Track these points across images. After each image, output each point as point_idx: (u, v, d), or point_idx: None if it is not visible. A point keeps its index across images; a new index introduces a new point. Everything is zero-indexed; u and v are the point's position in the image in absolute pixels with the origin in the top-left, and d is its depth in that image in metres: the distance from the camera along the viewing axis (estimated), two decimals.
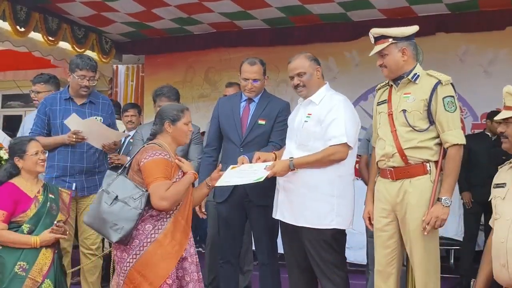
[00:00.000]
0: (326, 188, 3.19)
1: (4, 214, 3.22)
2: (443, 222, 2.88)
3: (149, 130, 4.19)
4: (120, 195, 2.95)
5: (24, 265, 3.23)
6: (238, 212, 3.62)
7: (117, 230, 2.91)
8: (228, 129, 3.69)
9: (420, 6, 5.67)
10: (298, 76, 3.29)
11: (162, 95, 4.21)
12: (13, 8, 5.30)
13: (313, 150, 3.19)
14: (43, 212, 3.33)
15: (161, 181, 2.95)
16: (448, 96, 2.96)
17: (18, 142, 3.44)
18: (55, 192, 3.47)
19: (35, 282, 3.22)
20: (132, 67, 7.98)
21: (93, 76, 3.91)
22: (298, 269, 3.41)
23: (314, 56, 3.38)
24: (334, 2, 5.60)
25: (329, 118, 3.18)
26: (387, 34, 3.04)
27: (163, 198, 2.92)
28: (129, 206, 2.92)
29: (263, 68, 3.69)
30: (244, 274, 4.52)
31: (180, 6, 5.82)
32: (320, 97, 3.29)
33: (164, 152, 3.04)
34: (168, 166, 3.01)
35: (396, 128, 3.02)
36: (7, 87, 8.41)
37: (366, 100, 6.27)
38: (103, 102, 4.09)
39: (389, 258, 3.09)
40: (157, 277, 2.91)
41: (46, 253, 3.28)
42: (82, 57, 3.98)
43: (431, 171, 2.96)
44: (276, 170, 3.13)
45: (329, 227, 3.17)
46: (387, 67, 3.07)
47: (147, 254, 2.92)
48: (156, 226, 2.97)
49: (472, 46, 6.25)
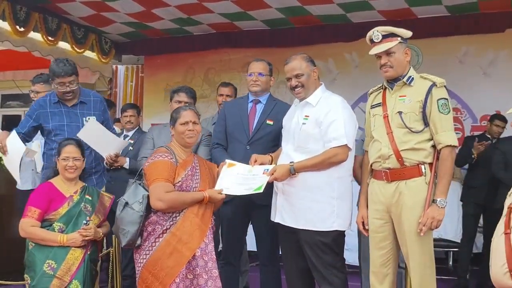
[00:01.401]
0: (327, 189, 3.19)
1: (37, 212, 3.29)
2: (439, 223, 2.89)
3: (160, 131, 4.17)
4: (130, 201, 3.04)
5: (52, 264, 3.24)
6: (242, 213, 3.62)
7: (124, 234, 3.02)
8: (235, 128, 3.70)
9: (420, 8, 5.68)
10: (296, 77, 3.29)
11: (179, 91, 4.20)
12: (13, 8, 5.30)
13: (312, 152, 3.19)
14: (75, 212, 3.34)
15: (159, 182, 3.00)
16: (442, 98, 2.98)
17: (60, 143, 3.52)
18: (94, 195, 3.48)
19: (63, 282, 3.22)
20: (132, 67, 7.98)
21: (72, 80, 3.79)
22: (296, 272, 3.40)
23: (310, 57, 3.38)
24: (334, 3, 5.60)
25: (328, 119, 3.18)
26: (396, 32, 3.05)
27: (160, 199, 2.98)
28: (133, 210, 3.00)
29: (269, 67, 3.78)
30: (242, 275, 4.51)
31: (180, 6, 5.82)
32: (317, 99, 3.29)
33: (166, 154, 3.07)
34: (168, 167, 3.03)
35: (392, 130, 3.03)
36: (6, 87, 8.40)
37: (365, 102, 6.18)
38: (95, 99, 4.01)
39: (384, 259, 3.09)
40: (166, 276, 2.95)
41: (74, 253, 3.27)
42: (58, 63, 3.80)
43: (426, 173, 2.97)
44: (276, 175, 3.13)
45: (330, 229, 3.17)
46: (392, 67, 3.05)
47: (156, 253, 2.99)
48: (165, 226, 3.02)
49: (471, 48, 6.26)
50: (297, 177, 3.17)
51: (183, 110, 3.21)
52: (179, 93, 4.10)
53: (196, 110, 3.32)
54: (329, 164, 3.17)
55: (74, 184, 3.46)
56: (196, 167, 3.17)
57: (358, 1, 5.50)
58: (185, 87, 4.21)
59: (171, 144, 3.22)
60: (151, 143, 4.15)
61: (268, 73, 3.76)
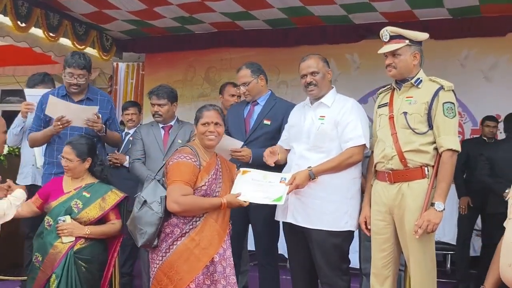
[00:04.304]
0: (342, 190, 3.23)
1: (38, 200, 3.51)
2: (435, 227, 2.89)
3: (148, 130, 4.22)
4: (149, 199, 2.97)
5: (38, 257, 3.32)
6: (241, 214, 3.62)
7: (142, 234, 2.94)
8: (234, 131, 3.76)
9: (422, 11, 5.68)
10: (311, 74, 3.32)
11: None
12: (15, 4, 5.29)
13: (328, 151, 3.23)
14: (63, 207, 3.39)
15: (178, 184, 2.92)
16: (449, 102, 2.97)
17: None
18: (98, 192, 3.49)
19: (45, 275, 3.26)
20: (133, 65, 7.95)
21: (82, 74, 3.81)
22: (301, 273, 3.42)
23: (326, 58, 3.43)
24: (336, 4, 5.60)
25: (345, 120, 3.22)
26: (405, 34, 3.05)
27: (176, 202, 2.90)
28: (152, 210, 2.93)
29: (250, 70, 3.77)
30: (241, 274, 4.51)
31: (181, 5, 5.81)
32: (331, 100, 3.33)
33: (190, 156, 2.98)
34: (191, 170, 2.95)
35: (397, 130, 3.03)
36: (6, 82, 8.38)
37: (366, 103, 6.26)
38: (102, 98, 4.03)
39: (385, 261, 3.10)
40: (181, 280, 2.89)
41: (56, 248, 3.30)
42: (73, 55, 3.87)
43: (429, 175, 2.97)
44: (298, 182, 3.12)
45: (344, 229, 3.22)
46: (396, 68, 3.07)
47: (173, 256, 2.92)
48: (184, 230, 2.95)
49: (473, 51, 6.25)
50: (316, 180, 3.18)
51: (206, 110, 3.12)
52: (152, 96, 4.15)
53: (220, 110, 3.19)
54: (347, 166, 3.21)
55: (80, 181, 3.52)
56: (219, 170, 3.09)
57: (360, 2, 5.49)
58: (157, 88, 4.19)
59: (194, 143, 3.12)
60: (140, 143, 4.16)
61: (251, 77, 3.76)
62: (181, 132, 4.16)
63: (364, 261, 4.02)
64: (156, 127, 4.24)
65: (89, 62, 3.91)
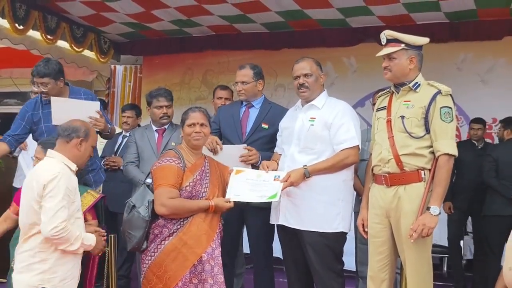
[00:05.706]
0: (334, 191, 3.24)
1: (15, 207, 3.35)
2: (430, 231, 2.90)
3: (142, 133, 4.23)
4: (137, 204, 3.01)
5: (13, 263, 3.22)
6: (236, 215, 3.62)
7: (130, 238, 3.01)
8: (229, 132, 3.76)
9: (419, 14, 5.69)
10: (304, 76, 3.34)
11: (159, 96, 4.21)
12: (13, 6, 5.28)
13: (319, 153, 3.24)
14: None
15: (164, 187, 2.97)
16: (446, 106, 2.98)
17: None
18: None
19: None
20: (130, 67, 7.96)
21: (44, 82, 3.73)
22: (296, 275, 3.43)
23: (319, 62, 3.45)
24: (334, 7, 5.60)
25: (337, 122, 3.24)
26: (400, 38, 3.06)
27: (163, 205, 2.95)
28: (140, 214, 2.98)
29: (253, 71, 3.78)
30: (237, 277, 4.50)
31: (179, 8, 5.82)
32: (322, 102, 3.35)
33: (174, 159, 3.03)
34: (174, 172, 3.00)
35: (394, 134, 3.05)
36: (4, 85, 8.37)
37: (363, 106, 6.28)
38: (85, 97, 3.96)
39: (382, 264, 3.10)
40: (170, 279, 2.94)
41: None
42: (38, 63, 3.79)
43: (425, 178, 2.98)
44: (292, 180, 3.15)
45: (336, 230, 3.23)
46: (391, 71, 3.08)
47: (161, 255, 2.97)
48: (172, 229, 2.99)
49: (469, 55, 6.28)
50: (308, 181, 3.19)
51: (191, 112, 3.17)
52: (159, 98, 4.12)
53: (206, 111, 3.25)
54: (342, 166, 3.23)
55: None
56: (206, 171, 3.12)
57: (357, 6, 5.50)
58: (162, 90, 4.22)
59: (180, 146, 3.18)
60: (134, 147, 4.17)
61: (252, 79, 3.76)
62: (175, 134, 4.17)
63: (360, 264, 4.03)
64: (150, 130, 4.27)
65: (54, 70, 3.78)
